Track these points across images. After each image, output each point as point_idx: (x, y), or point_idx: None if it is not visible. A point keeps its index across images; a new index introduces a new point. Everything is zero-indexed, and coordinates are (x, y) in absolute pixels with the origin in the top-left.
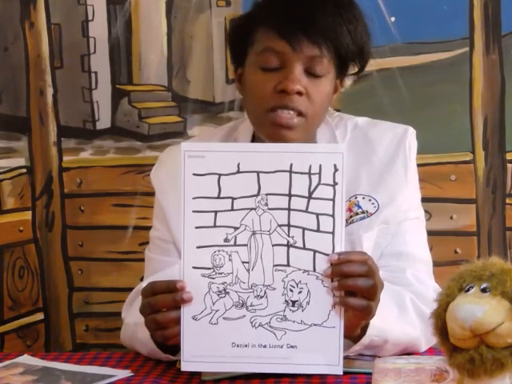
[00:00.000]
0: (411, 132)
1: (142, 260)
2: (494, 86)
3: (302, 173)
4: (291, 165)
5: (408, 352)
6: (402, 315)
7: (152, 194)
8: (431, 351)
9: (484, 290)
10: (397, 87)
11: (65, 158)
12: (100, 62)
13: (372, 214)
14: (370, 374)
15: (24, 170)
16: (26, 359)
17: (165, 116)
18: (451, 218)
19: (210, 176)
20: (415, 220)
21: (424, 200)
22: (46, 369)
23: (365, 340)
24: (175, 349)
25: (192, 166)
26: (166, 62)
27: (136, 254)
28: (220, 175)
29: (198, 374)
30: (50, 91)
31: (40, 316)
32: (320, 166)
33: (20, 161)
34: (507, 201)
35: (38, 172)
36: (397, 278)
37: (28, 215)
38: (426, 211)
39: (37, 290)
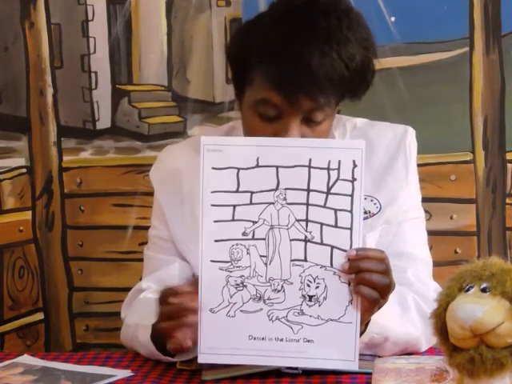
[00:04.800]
0: (411, 132)
1: (142, 260)
2: (494, 86)
3: (320, 168)
4: (310, 160)
5: (408, 352)
6: (404, 314)
7: (152, 193)
8: (431, 351)
9: (484, 290)
10: (397, 87)
11: (65, 158)
12: (100, 62)
13: (374, 214)
14: (370, 373)
15: (24, 170)
16: (26, 359)
17: (165, 116)
18: (451, 218)
19: (228, 170)
20: (415, 220)
21: (424, 200)
22: (46, 369)
23: (364, 338)
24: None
25: (211, 160)
26: (166, 62)
27: (136, 253)
28: (239, 169)
29: (198, 373)
30: (50, 91)
31: (40, 316)
32: (339, 161)
33: (20, 161)
34: (507, 201)
35: (38, 172)
36: (398, 277)
37: (28, 215)
38: (426, 211)
39: (37, 290)
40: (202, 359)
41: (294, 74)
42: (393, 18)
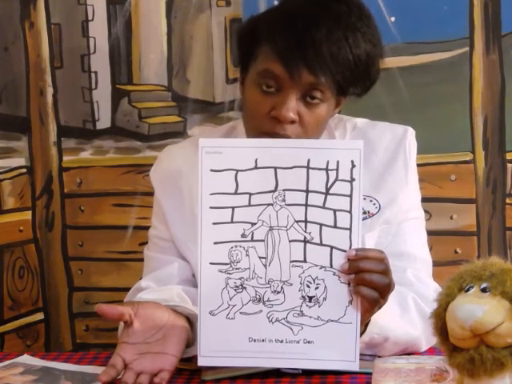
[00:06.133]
0: (411, 132)
1: (142, 260)
2: (494, 86)
3: (319, 168)
4: (309, 160)
5: (408, 352)
6: (404, 314)
7: (152, 193)
8: (431, 351)
9: (484, 290)
10: (397, 87)
11: (65, 158)
12: (100, 62)
13: (373, 215)
14: (370, 373)
15: (24, 170)
16: (26, 359)
17: (165, 116)
18: (451, 218)
19: (227, 172)
20: (415, 220)
21: (424, 200)
22: (46, 369)
23: (365, 337)
24: None
25: (209, 162)
26: (166, 62)
27: (136, 253)
28: (237, 171)
29: (198, 373)
30: (50, 91)
31: (40, 316)
32: (337, 162)
33: (20, 161)
34: (507, 201)
35: (38, 172)
36: (398, 277)
37: (28, 215)
38: (425, 211)
39: (37, 290)
40: (201, 362)
41: (298, 47)
42: (393, 18)
